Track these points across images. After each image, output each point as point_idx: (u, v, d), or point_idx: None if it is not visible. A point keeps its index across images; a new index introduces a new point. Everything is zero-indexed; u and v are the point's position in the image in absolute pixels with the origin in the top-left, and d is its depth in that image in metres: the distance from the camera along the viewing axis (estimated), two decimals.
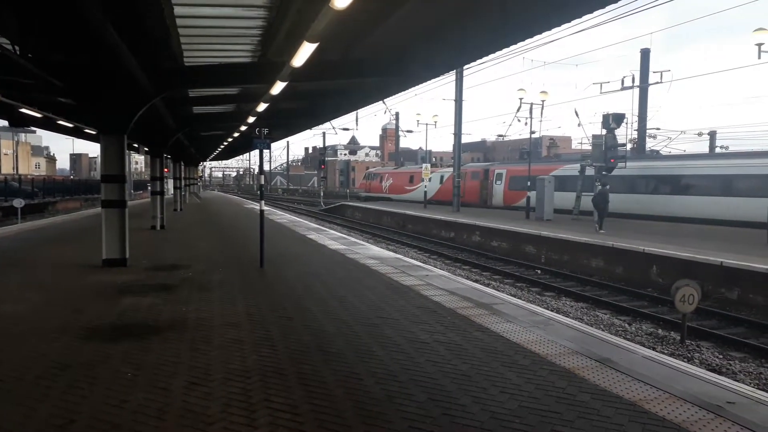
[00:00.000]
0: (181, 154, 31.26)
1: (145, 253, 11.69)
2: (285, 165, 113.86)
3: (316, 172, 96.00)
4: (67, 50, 9.20)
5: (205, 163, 76.89)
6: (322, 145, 67.45)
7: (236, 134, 24.41)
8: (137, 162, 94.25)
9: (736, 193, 20.57)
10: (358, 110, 34.54)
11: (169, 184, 35.02)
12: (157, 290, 8.08)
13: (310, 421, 3.78)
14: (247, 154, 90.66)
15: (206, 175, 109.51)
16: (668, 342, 8.78)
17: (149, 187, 21.00)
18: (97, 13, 6.69)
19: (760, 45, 14.52)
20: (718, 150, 41.07)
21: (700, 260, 12.29)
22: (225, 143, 32.73)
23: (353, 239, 16.83)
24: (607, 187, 20.33)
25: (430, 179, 35.78)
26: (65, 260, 10.98)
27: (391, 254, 13.18)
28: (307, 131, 44.62)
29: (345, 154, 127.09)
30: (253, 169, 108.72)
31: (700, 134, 41.58)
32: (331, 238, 16.11)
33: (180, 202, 28.43)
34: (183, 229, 18.34)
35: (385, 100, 28.11)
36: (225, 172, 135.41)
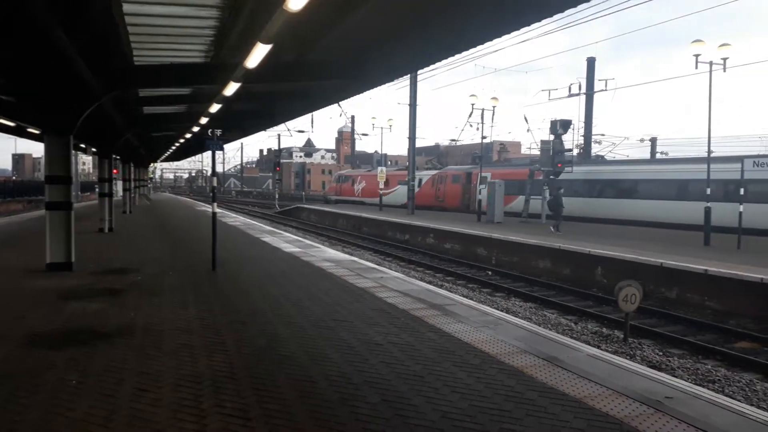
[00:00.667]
0: (131, 155, 30.40)
1: (92, 257, 11.33)
2: (239, 167, 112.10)
3: (271, 174, 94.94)
4: (7, 46, 8.84)
5: (156, 164, 74.89)
6: (277, 147, 66.76)
7: (188, 135, 23.91)
8: (84, 163, 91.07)
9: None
10: (314, 113, 34.46)
11: (118, 186, 34.00)
12: (105, 295, 7.86)
13: (262, 425, 3.77)
14: (200, 155, 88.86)
15: (157, 176, 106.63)
16: (612, 340, 9.12)
17: (97, 189, 20.33)
18: (40, 7, 6.47)
19: (697, 56, 15.25)
20: (658, 155, 42.79)
21: (642, 261, 12.80)
22: (177, 144, 32.00)
23: (308, 242, 16.75)
24: (561, 191, 20.97)
25: (406, 183, 34.08)
26: (6, 264, 10.52)
27: (347, 257, 13.20)
28: (262, 133, 43.81)
29: (300, 157, 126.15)
30: (206, 171, 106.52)
31: (642, 140, 43.29)
32: (286, 240, 15.99)
33: (129, 205, 27.64)
34: (132, 231, 17.84)
35: (341, 103, 28.15)
36: (177, 174, 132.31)
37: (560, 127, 22.98)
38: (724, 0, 16.38)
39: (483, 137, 26.60)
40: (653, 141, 45.03)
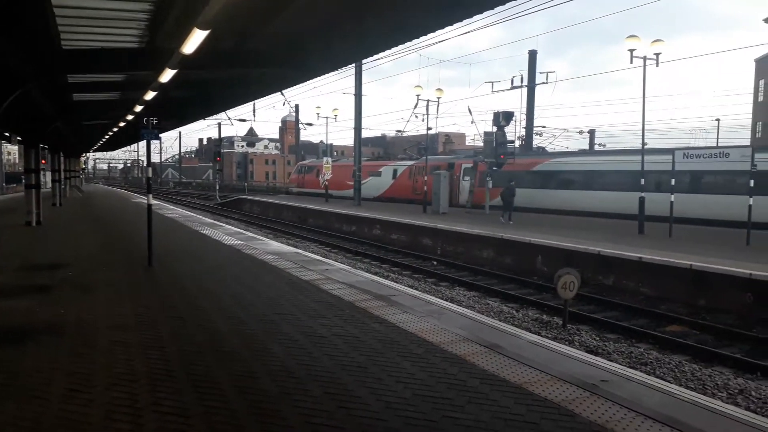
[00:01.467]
0: (61, 145, 28.90)
1: (19, 252, 10.72)
2: (177, 157, 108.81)
3: (211, 164, 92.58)
4: None
5: (88, 154, 71.68)
6: (217, 137, 65.13)
7: (122, 124, 22.94)
8: (10, 153, 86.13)
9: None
10: (256, 101, 33.56)
11: (47, 177, 32.29)
12: (33, 292, 7.44)
13: (201, 423, 3.66)
14: (135, 144, 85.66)
15: (90, 167, 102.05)
16: (552, 327, 9.39)
17: (23, 180, 19.24)
18: None
19: (632, 51, 15.83)
20: (596, 147, 44.40)
21: (580, 250, 13.24)
22: (110, 133, 30.66)
23: (251, 234, 16.44)
24: (513, 182, 21.43)
25: (380, 174, 32.46)
26: None
27: (291, 249, 13.03)
28: (202, 122, 42.08)
29: (242, 146, 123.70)
30: (142, 161, 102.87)
31: (581, 132, 44.76)
32: (227, 233, 15.63)
33: (59, 196, 26.33)
34: (63, 225, 17.00)
35: (284, 91, 27.68)
36: (111, 164, 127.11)
37: (503, 118, 23.42)
38: None
39: (428, 128, 26.78)
40: (592, 133, 46.64)
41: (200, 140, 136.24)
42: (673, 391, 4.42)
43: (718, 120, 46.61)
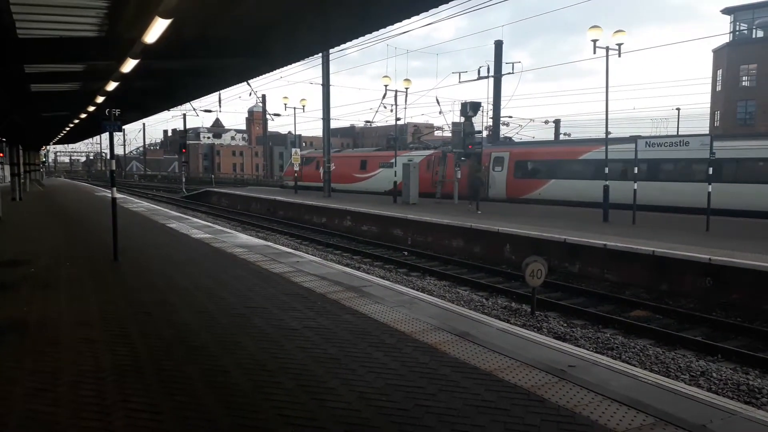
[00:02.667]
0: (19, 138, 27.95)
1: None
2: (141, 149, 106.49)
3: (176, 156, 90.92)
4: None
5: (48, 147, 69.55)
6: (182, 128, 63.90)
7: (84, 115, 22.31)
8: None
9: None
10: (222, 91, 32.85)
11: (6, 171, 31.25)
12: None
13: (172, 419, 3.61)
14: (98, 137, 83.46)
15: (50, 160, 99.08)
16: (521, 314, 9.54)
17: None
18: None
19: (594, 41, 16.07)
20: (562, 137, 45.09)
21: (547, 238, 13.46)
22: (71, 125, 29.78)
23: (219, 227, 16.23)
24: (479, 172, 21.56)
25: (392, 165, 28.43)
26: None
27: (261, 242, 12.91)
28: (166, 113, 41.07)
29: (209, 138, 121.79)
30: (105, 154, 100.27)
31: (546, 122, 45.37)
32: (195, 226, 15.39)
33: (19, 191, 25.51)
34: (23, 220, 16.49)
35: (250, 82, 27.29)
36: (73, 157, 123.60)
37: (470, 109, 23.55)
38: None
39: (397, 119, 26.79)
40: (557, 122, 47.31)
41: (165, 132, 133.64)
42: (638, 374, 4.55)
43: (678, 109, 47.81)
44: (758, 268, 9.55)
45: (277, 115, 44.37)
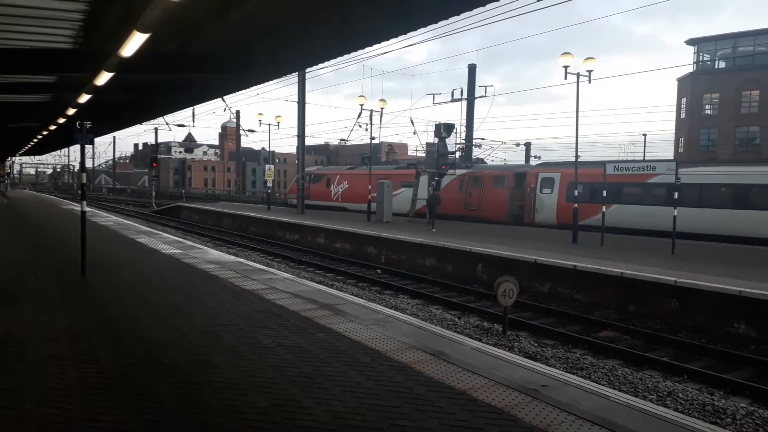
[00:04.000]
0: None
1: None
2: (111, 162, 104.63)
3: (147, 170, 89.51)
4: None
5: (14, 158, 67.78)
6: (154, 142, 63.07)
7: (53, 127, 21.91)
8: None
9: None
10: (196, 106, 32.51)
11: None
12: None
13: None
14: (67, 149, 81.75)
15: (15, 171, 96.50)
16: (492, 333, 9.60)
17: None
18: None
19: (566, 67, 16.50)
20: (532, 160, 45.88)
21: (518, 258, 13.62)
22: (39, 136, 29.16)
23: (190, 243, 16.01)
24: (437, 192, 21.75)
25: (418, 184, 26.98)
26: None
27: (232, 258, 12.77)
28: (138, 126, 40.19)
29: (180, 152, 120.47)
30: (73, 166, 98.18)
31: (518, 144, 46.12)
32: (165, 241, 15.15)
33: None
34: None
35: (225, 97, 27.16)
36: (39, 169, 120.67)
37: (444, 130, 23.85)
38: (583, 20, 17.90)
39: (372, 138, 26.94)
40: (527, 145, 48.15)
41: (135, 145, 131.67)
42: (608, 394, 4.62)
43: (644, 135, 49.12)
44: (721, 291, 9.81)
45: (252, 131, 43.99)
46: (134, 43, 7.23)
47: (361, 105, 26.49)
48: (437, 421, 3.88)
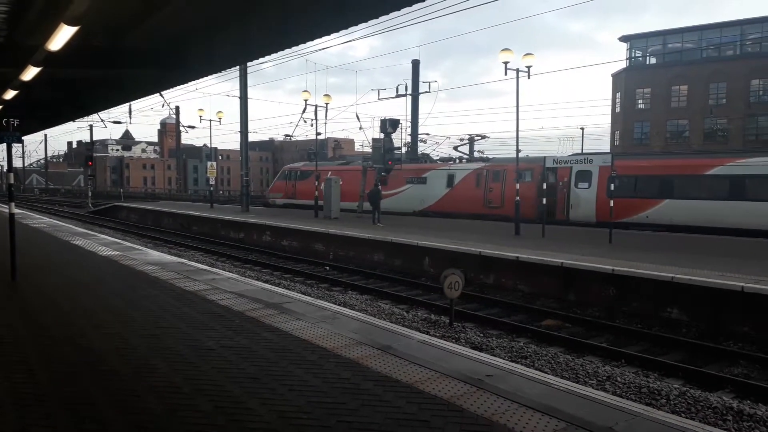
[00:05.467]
0: None
1: None
2: (43, 161, 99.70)
3: (82, 169, 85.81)
4: None
5: None
6: (89, 139, 60.45)
7: None
8: None
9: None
10: (132, 102, 31.28)
11: None
12: None
13: None
14: None
15: None
16: (439, 325, 9.72)
17: None
18: None
19: (506, 63, 16.85)
20: (476, 154, 46.67)
21: (464, 251, 13.85)
22: None
23: (129, 244, 15.46)
24: (380, 186, 21.87)
25: (425, 180, 25.30)
26: None
27: (174, 259, 12.42)
28: (71, 123, 38.35)
29: (117, 150, 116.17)
30: (1, 166, 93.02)
31: (462, 140, 46.81)
32: (102, 243, 14.58)
33: None
34: None
35: (163, 93, 26.33)
36: None
37: (390, 126, 23.95)
38: (519, 17, 18.34)
39: (317, 133, 26.73)
40: (471, 140, 48.90)
41: (69, 143, 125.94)
42: (550, 381, 4.76)
43: (582, 129, 50.86)
44: (656, 278, 10.28)
45: (192, 127, 42.85)
46: (62, 36, 6.90)
47: (306, 100, 26.25)
48: (383, 416, 3.89)
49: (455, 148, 32.14)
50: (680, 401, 6.22)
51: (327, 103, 25.84)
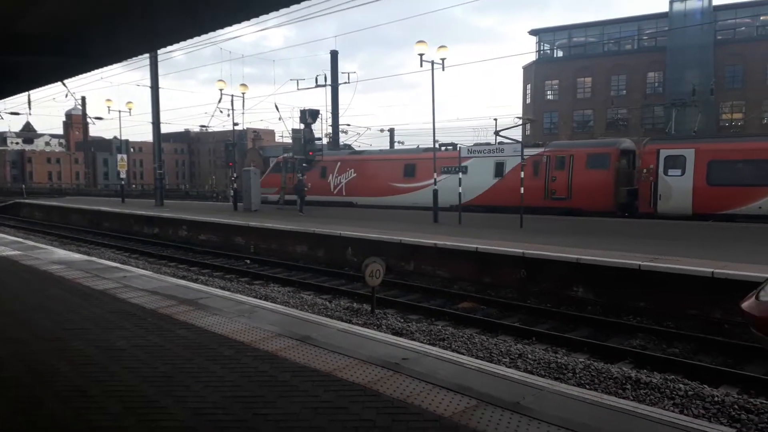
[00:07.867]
0: None
1: None
2: None
3: None
4: None
5: None
6: None
7: None
8: None
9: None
10: (32, 92, 29.10)
11: None
12: None
13: None
14: None
15: None
16: (361, 313, 9.82)
17: None
18: None
19: (421, 55, 17.14)
20: (396, 145, 47.24)
21: (385, 239, 14.03)
22: None
23: (32, 243, 14.51)
24: (304, 176, 21.74)
25: (466, 170, 19.93)
26: None
27: (82, 257, 11.79)
28: None
29: (17, 143, 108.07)
30: None
31: (382, 130, 47.27)
32: (2, 243, 13.59)
33: None
34: None
35: (66, 82, 24.74)
36: None
37: (309, 116, 23.78)
38: (428, 11, 18.69)
39: (235, 124, 26.08)
40: (392, 131, 49.44)
41: None
42: (463, 361, 4.96)
43: (495, 119, 52.62)
44: (563, 259, 10.86)
45: (99, 118, 40.44)
46: None
47: (221, 90, 25.52)
48: (301, 406, 3.92)
49: (497, 133, 22.69)
50: (585, 374, 6.64)
51: (243, 93, 25.28)
